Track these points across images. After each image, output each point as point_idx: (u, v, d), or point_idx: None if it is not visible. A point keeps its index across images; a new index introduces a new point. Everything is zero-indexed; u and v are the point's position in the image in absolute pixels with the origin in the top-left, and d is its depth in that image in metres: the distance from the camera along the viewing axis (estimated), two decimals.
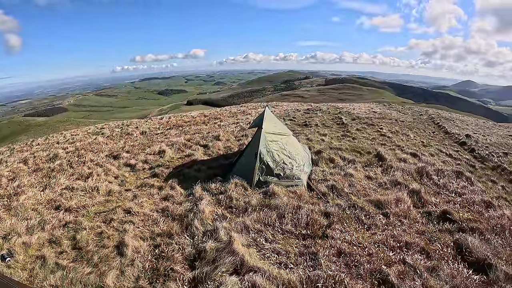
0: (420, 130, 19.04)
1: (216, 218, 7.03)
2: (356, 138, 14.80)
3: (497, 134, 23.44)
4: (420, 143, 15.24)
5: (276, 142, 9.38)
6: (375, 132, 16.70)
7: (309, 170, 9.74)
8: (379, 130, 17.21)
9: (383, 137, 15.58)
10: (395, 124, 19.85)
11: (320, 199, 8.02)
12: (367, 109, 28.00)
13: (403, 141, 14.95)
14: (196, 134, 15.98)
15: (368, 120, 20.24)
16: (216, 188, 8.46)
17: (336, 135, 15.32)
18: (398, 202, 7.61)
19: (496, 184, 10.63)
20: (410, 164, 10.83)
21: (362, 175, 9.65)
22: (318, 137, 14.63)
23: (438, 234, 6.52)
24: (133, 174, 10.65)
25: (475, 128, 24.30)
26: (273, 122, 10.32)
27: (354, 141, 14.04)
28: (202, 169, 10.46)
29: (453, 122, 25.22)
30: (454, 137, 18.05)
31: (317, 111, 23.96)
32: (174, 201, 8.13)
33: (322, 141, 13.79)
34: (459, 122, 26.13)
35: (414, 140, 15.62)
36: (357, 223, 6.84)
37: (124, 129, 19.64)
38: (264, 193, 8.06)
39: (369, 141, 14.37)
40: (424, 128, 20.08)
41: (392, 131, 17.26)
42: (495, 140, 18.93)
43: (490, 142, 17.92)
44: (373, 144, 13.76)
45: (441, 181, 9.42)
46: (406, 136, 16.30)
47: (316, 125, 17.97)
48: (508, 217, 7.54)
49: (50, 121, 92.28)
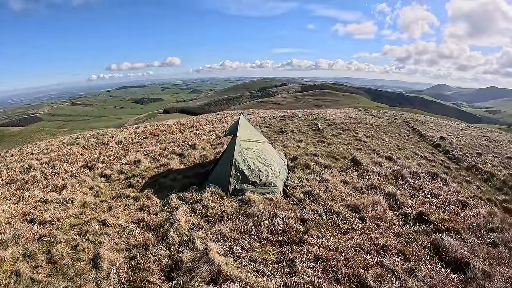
0: (395, 134, 19.43)
1: (192, 227, 7.00)
2: (332, 143, 14.98)
3: (471, 135, 24.14)
4: (395, 146, 15.57)
5: (251, 150, 9.44)
6: (350, 137, 16.94)
7: (285, 177, 9.82)
8: (355, 135, 17.48)
9: (359, 141, 15.82)
10: (370, 129, 20.20)
11: (296, 205, 8.09)
12: (343, 114, 28.36)
13: (378, 145, 15.25)
14: (172, 143, 15.87)
15: (343, 125, 20.50)
16: (191, 197, 8.42)
17: (312, 141, 15.48)
18: (374, 205, 7.75)
19: (471, 184, 10.96)
20: (386, 167, 11.05)
21: (338, 180, 9.77)
22: (294, 143, 14.74)
23: (415, 236, 6.68)
24: (108, 184, 10.47)
25: (449, 130, 24.95)
26: (248, 130, 10.38)
27: (330, 147, 14.21)
28: (178, 178, 10.40)
29: (428, 125, 25.83)
30: (428, 139, 18.49)
31: (293, 118, 24.15)
32: (150, 211, 8.04)
33: (298, 148, 13.91)
34: (434, 125, 26.78)
35: (390, 144, 15.94)
36: (334, 228, 6.92)
37: (99, 139, 19.31)
38: (240, 201, 8.08)
39: (344, 146, 14.57)
40: (399, 132, 20.49)
41: (367, 135, 17.56)
42: (469, 141, 19.48)
43: (464, 143, 18.44)
44: (348, 149, 13.96)
45: (417, 183, 9.66)
46: (381, 140, 16.62)
47: (292, 131, 18.11)
48: (483, 216, 7.78)
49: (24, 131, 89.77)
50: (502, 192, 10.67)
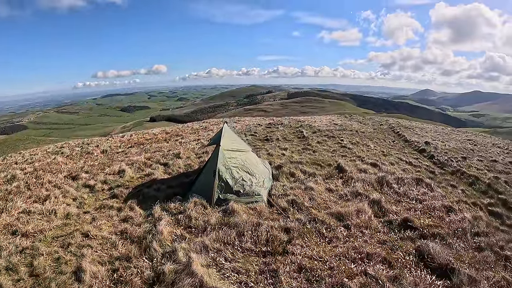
0: (380, 140, 19.60)
1: (175, 238, 6.88)
2: (317, 151, 15.01)
3: (455, 139, 24.47)
4: (381, 152, 15.69)
5: (235, 159, 9.40)
6: (336, 144, 17.01)
7: (269, 186, 9.76)
8: (340, 142, 17.56)
9: (344, 148, 15.89)
10: (355, 135, 20.35)
11: (280, 214, 8.02)
12: (328, 121, 28.55)
13: (363, 152, 15.33)
14: (156, 152, 15.73)
15: (329, 133, 20.63)
16: (175, 208, 8.30)
17: (297, 149, 15.49)
18: (359, 213, 7.73)
19: (456, 188, 11.07)
20: (371, 174, 11.08)
21: (322, 188, 9.76)
22: (279, 151, 14.71)
23: (400, 242, 6.66)
24: (92, 195, 10.27)
25: (434, 135, 25.28)
26: (232, 139, 10.35)
27: (315, 154, 14.23)
28: (162, 188, 10.27)
29: (413, 130, 26.13)
30: (413, 144, 18.70)
31: (278, 125, 24.21)
32: (133, 222, 7.89)
33: (282, 156, 13.87)
34: (419, 130, 27.11)
35: (375, 150, 16.06)
36: (318, 237, 6.87)
37: (84, 148, 19.03)
38: (224, 211, 7.99)
39: (329, 153, 14.60)
40: (384, 138, 20.68)
41: (352, 142, 17.66)
42: (454, 146, 19.73)
43: (449, 147, 18.67)
44: (333, 156, 13.99)
45: (402, 189, 9.72)
46: (366, 147, 16.74)
47: (277, 139, 18.11)
48: (469, 220, 7.86)
49: (9, 139, 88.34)
50: (487, 196, 10.82)
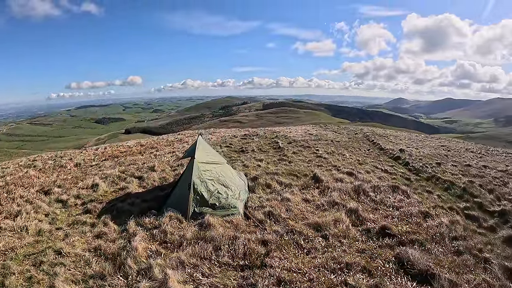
0: (355, 149, 19.84)
1: (151, 254, 6.70)
2: (293, 161, 15.04)
3: (429, 146, 25.02)
4: (356, 161, 15.85)
5: (210, 171, 9.34)
6: (311, 154, 17.10)
7: (245, 198, 9.70)
8: (316, 151, 17.67)
9: (320, 158, 15.98)
10: (331, 145, 20.54)
11: (257, 227, 7.95)
12: (304, 131, 28.73)
13: (339, 161, 15.45)
14: (131, 165, 15.42)
15: (304, 143, 20.72)
16: (150, 223, 8.12)
17: (273, 160, 15.48)
18: (336, 222, 7.75)
19: (432, 193, 11.27)
20: (347, 183, 11.17)
21: (299, 198, 9.75)
22: (255, 162, 14.66)
23: (379, 251, 6.69)
24: (64, 210, 9.95)
25: (408, 142, 25.78)
26: (206, 151, 10.30)
27: (291, 165, 14.24)
28: (137, 202, 10.05)
29: (387, 138, 26.60)
30: (388, 152, 19.02)
31: (254, 136, 24.18)
32: (107, 238, 7.68)
33: (258, 167, 13.83)
34: (393, 138, 27.60)
35: (350, 159, 16.21)
36: (296, 249, 6.83)
37: (57, 161, 18.44)
38: (200, 225, 7.88)
39: (305, 163, 14.64)
40: (359, 147, 20.95)
41: (328, 152, 17.79)
42: (428, 152, 20.15)
43: (423, 154, 19.05)
44: (309, 166, 14.04)
45: (378, 197, 9.83)
46: (342, 156, 16.87)
47: (252, 150, 18.08)
48: (446, 225, 7.97)
49: None
50: (463, 200, 11.04)
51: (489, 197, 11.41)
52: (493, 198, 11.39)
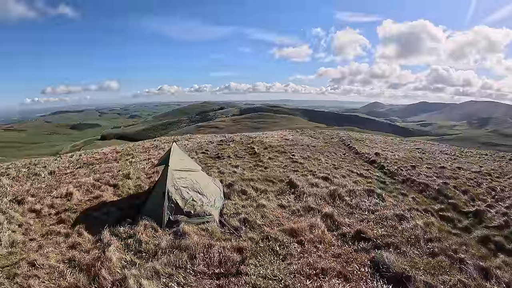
0: (331, 154, 19.98)
1: (125, 265, 6.57)
2: (269, 167, 15.02)
3: (404, 149, 25.45)
4: (332, 166, 15.96)
5: (185, 179, 9.25)
6: (287, 159, 17.13)
7: (220, 205, 9.64)
8: (291, 157, 17.71)
9: (295, 163, 16.02)
10: (307, 150, 20.64)
11: (233, 234, 7.90)
12: (280, 136, 28.75)
13: (315, 166, 15.53)
14: (106, 172, 15.08)
15: (280, 148, 20.75)
16: (125, 232, 7.95)
17: (249, 166, 15.43)
18: (312, 228, 7.77)
19: (407, 196, 11.44)
20: (322, 188, 11.24)
21: (275, 204, 9.76)
22: (230, 169, 14.60)
23: (355, 255, 6.75)
24: (38, 220, 9.65)
25: (383, 146, 26.17)
26: (181, 158, 10.22)
27: (267, 170, 14.24)
28: (111, 211, 9.81)
29: (363, 142, 26.91)
30: (364, 156, 19.24)
31: (230, 142, 24.05)
32: (82, 249, 7.48)
33: (234, 173, 13.77)
34: (369, 142, 27.94)
35: (326, 164, 16.31)
36: (271, 255, 6.81)
37: (31, 169, 17.89)
38: (175, 234, 7.79)
39: (281, 169, 14.66)
40: (335, 151, 21.12)
41: (304, 157, 17.87)
42: (403, 155, 20.49)
43: (399, 157, 19.36)
44: (285, 171, 14.06)
45: (354, 201, 9.93)
46: (317, 161, 16.97)
47: (228, 156, 17.98)
48: (421, 227, 8.09)
49: None
50: (438, 201, 11.28)
51: (463, 198, 11.70)
52: (467, 199, 11.68)
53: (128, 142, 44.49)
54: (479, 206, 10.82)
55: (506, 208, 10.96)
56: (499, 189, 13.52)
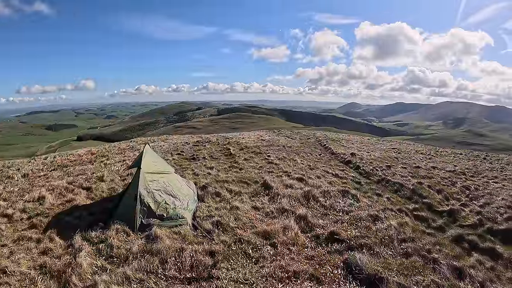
0: (307, 154, 20.07)
1: (96, 271, 6.39)
2: (244, 168, 14.96)
3: (380, 149, 25.75)
4: (307, 166, 16.00)
5: (157, 182, 9.09)
6: (262, 160, 17.10)
7: (194, 207, 9.50)
8: (267, 158, 17.70)
9: (271, 164, 16.00)
10: (282, 151, 20.68)
11: (205, 237, 7.78)
12: (256, 137, 28.75)
13: (290, 167, 15.53)
14: (80, 175, 14.68)
15: (256, 149, 20.71)
16: (96, 237, 7.75)
17: (224, 167, 15.32)
18: (285, 230, 7.70)
19: (382, 196, 11.53)
20: (297, 189, 11.20)
21: (249, 206, 9.67)
22: (205, 170, 14.47)
23: (328, 256, 6.70)
24: (10, 226, 9.31)
25: (360, 146, 26.46)
26: (154, 160, 10.06)
27: (242, 172, 14.16)
28: (84, 215, 9.55)
29: (339, 143, 27.16)
30: (340, 157, 19.38)
31: (206, 143, 23.89)
32: (53, 255, 7.25)
33: (208, 175, 13.61)
34: (345, 142, 28.21)
35: (301, 164, 16.35)
36: (244, 258, 6.71)
37: (4, 172, 17.35)
38: (147, 238, 7.63)
39: (256, 170, 14.61)
40: (311, 151, 21.23)
41: (279, 157, 17.87)
42: (379, 155, 20.69)
43: (374, 157, 19.54)
44: (260, 172, 14.01)
45: (328, 202, 9.92)
46: (293, 162, 16.99)
47: (204, 157, 17.84)
48: (395, 227, 8.11)
49: None
50: (412, 201, 11.40)
51: (437, 197, 11.87)
52: (442, 198, 11.85)
53: (105, 143, 43.76)
54: (453, 205, 10.98)
55: (480, 206, 11.17)
56: (473, 188, 13.78)
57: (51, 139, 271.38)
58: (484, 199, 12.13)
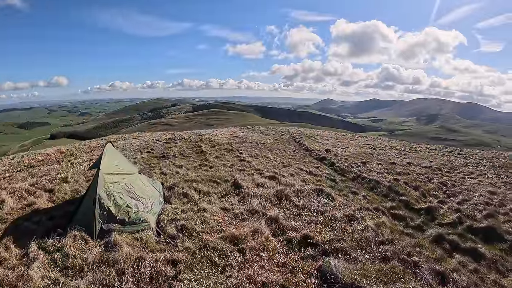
0: (280, 151, 19.70)
1: (49, 284, 5.80)
2: (214, 166, 14.42)
3: (355, 145, 25.65)
4: (280, 164, 15.58)
5: (118, 183, 8.49)
6: (234, 157, 16.59)
7: (159, 210, 8.94)
8: (239, 155, 17.19)
9: (243, 162, 15.50)
10: (255, 147, 20.27)
11: (168, 243, 7.20)
12: (230, 134, 28.36)
13: (262, 164, 15.09)
14: (44, 176, 13.81)
15: (228, 146, 20.24)
16: (53, 245, 7.08)
17: (194, 165, 14.73)
18: (255, 233, 7.20)
19: (357, 194, 11.18)
20: (269, 188, 10.74)
21: (217, 208, 9.12)
22: (174, 169, 13.85)
23: (301, 263, 6.23)
24: None
25: (334, 142, 26.30)
26: (115, 160, 9.42)
27: (212, 170, 13.62)
28: (43, 220, 8.81)
29: (314, 139, 26.96)
30: (314, 153, 19.06)
31: (177, 140, 23.27)
32: (7, 265, 6.59)
33: (177, 174, 13.02)
34: (320, 138, 28.05)
35: (274, 162, 15.92)
36: (209, 267, 6.17)
37: None
38: (106, 245, 7.00)
39: (227, 168, 14.10)
40: (285, 148, 20.88)
41: (252, 155, 17.41)
42: (354, 151, 20.48)
43: (349, 153, 19.29)
44: (231, 171, 13.50)
45: (301, 202, 9.48)
46: (266, 159, 16.56)
47: (174, 155, 17.20)
48: (372, 228, 7.73)
49: None
50: (389, 199, 11.09)
51: (415, 195, 11.61)
52: (419, 195, 11.62)
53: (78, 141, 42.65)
54: (431, 203, 10.76)
55: (458, 203, 10.97)
56: (450, 184, 13.65)
57: (24, 138, 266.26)
58: (462, 195, 11.95)
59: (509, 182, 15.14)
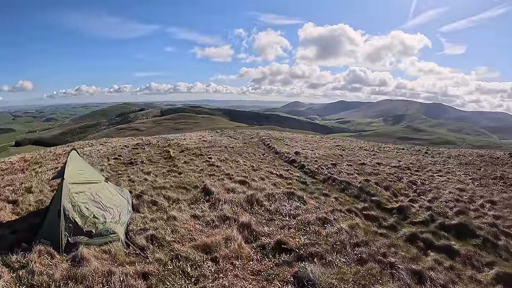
0: (250, 154, 19.58)
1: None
2: (183, 172, 14.14)
3: (325, 146, 25.81)
4: (250, 167, 15.46)
5: (84, 193, 8.11)
6: (203, 162, 16.33)
7: (127, 220, 8.60)
8: (208, 160, 16.96)
9: (212, 167, 15.27)
10: (224, 152, 20.07)
11: (138, 255, 6.90)
12: (198, 138, 28.02)
13: (232, 169, 14.91)
14: (7, 186, 13.06)
15: (197, 151, 19.94)
16: (17, 261, 6.61)
17: (162, 171, 14.41)
18: (227, 241, 7.01)
19: (329, 196, 11.18)
20: (240, 193, 10.58)
21: (187, 215, 8.87)
22: (142, 176, 13.47)
23: (276, 270, 6.10)
24: None
25: (304, 144, 26.39)
26: (80, 169, 9.05)
27: (181, 176, 13.34)
28: (6, 234, 8.25)
29: (283, 141, 26.98)
30: (284, 156, 19.04)
31: (145, 146, 22.76)
32: None
33: (145, 181, 12.67)
34: (289, 141, 28.10)
35: (244, 166, 15.78)
36: (182, 278, 5.93)
37: None
38: (73, 260, 6.61)
39: (196, 173, 13.85)
40: (254, 152, 20.78)
41: (221, 159, 17.21)
42: (323, 153, 20.58)
43: (319, 155, 19.38)
44: (201, 176, 13.26)
45: (273, 206, 9.37)
46: (235, 163, 16.39)
47: (142, 162, 16.76)
48: (346, 231, 7.69)
49: None
50: (361, 200, 11.17)
51: (386, 194, 11.74)
52: (390, 195, 11.75)
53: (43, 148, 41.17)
54: (402, 202, 10.93)
55: (428, 201, 11.21)
56: (420, 183, 13.89)
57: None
58: (432, 193, 12.21)
59: (477, 179, 15.53)
